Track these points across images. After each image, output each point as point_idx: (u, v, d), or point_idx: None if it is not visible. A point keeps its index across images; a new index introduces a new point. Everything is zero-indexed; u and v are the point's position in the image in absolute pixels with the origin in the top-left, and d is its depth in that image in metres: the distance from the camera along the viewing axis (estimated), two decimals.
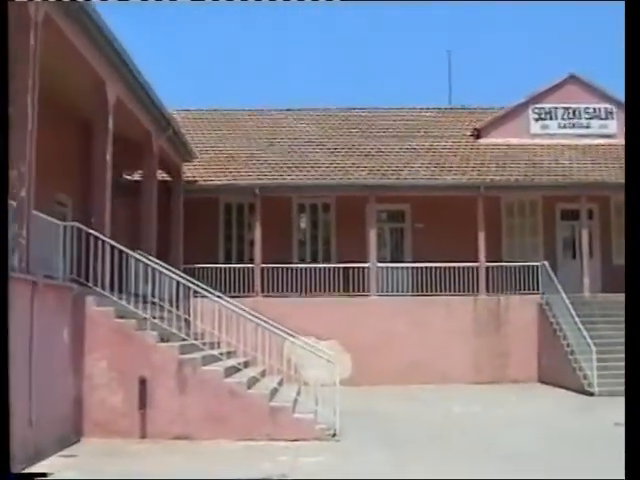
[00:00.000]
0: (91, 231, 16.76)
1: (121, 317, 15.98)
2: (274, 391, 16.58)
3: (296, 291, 28.64)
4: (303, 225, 32.78)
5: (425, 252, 29.45)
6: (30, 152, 13.93)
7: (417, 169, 30.04)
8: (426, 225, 30.76)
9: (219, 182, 29.52)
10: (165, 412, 15.49)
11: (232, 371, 16.54)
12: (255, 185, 29.04)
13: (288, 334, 20.39)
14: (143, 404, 15.48)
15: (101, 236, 16.91)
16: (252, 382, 16.40)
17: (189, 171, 29.66)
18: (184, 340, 16.66)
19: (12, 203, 13.41)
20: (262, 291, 28.69)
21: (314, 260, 31.21)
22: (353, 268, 28.87)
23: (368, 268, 28.74)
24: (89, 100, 18.81)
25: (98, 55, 17.30)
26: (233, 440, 15.12)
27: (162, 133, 23.87)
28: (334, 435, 15.41)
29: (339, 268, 29.20)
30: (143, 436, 15.44)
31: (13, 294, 12.90)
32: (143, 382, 15.49)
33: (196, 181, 29.38)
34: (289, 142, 32.95)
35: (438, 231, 29.82)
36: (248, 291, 28.51)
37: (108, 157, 18.73)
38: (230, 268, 29.10)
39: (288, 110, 36.23)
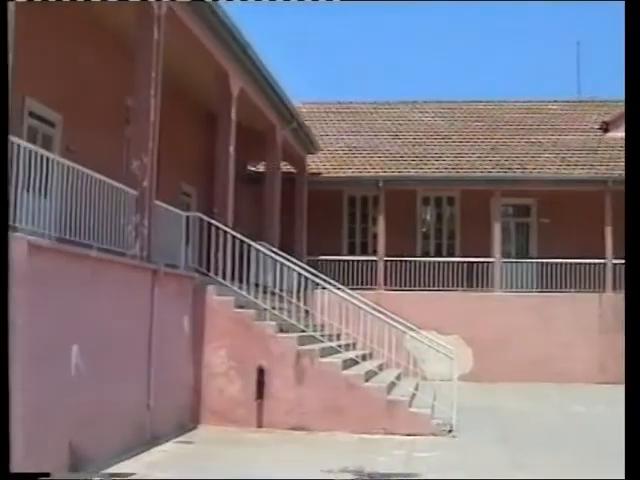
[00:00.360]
0: (213, 221, 16.95)
1: (241, 307, 16.11)
2: (392, 385, 16.47)
3: (419, 285, 28.53)
4: (427, 218, 32.54)
5: (551, 248, 28.99)
6: (152, 143, 14.13)
7: (543, 163, 29.52)
8: (552, 220, 30.16)
9: (343, 174, 29.55)
10: (282, 402, 15.55)
11: (350, 363, 16.51)
12: (379, 177, 29.02)
13: (409, 328, 20.35)
14: (260, 394, 15.57)
15: (222, 226, 17.09)
16: (370, 375, 16.32)
17: (313, 163, 29.78)
18: (303, 331, 16.68)
19: (133, 192, 13.65)
20: (385, 284, 28.65)
21: (438, 254, 30.98)
22: (477, 263, 28.55)
23: (492, 263, 28.39)
24: (213, 92, 19.01)
25: (221, 47, 17.47)
26: (349, 432, 15.09)
27: (286, 125, 23.98)
28: (450, 431, 15.22)
29: (463, 263, 28.92)
30: (259, 425, 15.53)
31: (134, 282, 13.19)
32: (261, 372, 15.58)
33: (320, 173, 29.48)
34: (414, 135, 32.73)
35: (564, 226, 29.21)
36: (371, 284, 28.51)
37: (231, 149, 18.91)
38: (353, 261, 29.14)
39: (413, 103, 35.99)
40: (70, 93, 16.15)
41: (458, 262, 29.00)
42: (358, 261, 29.19)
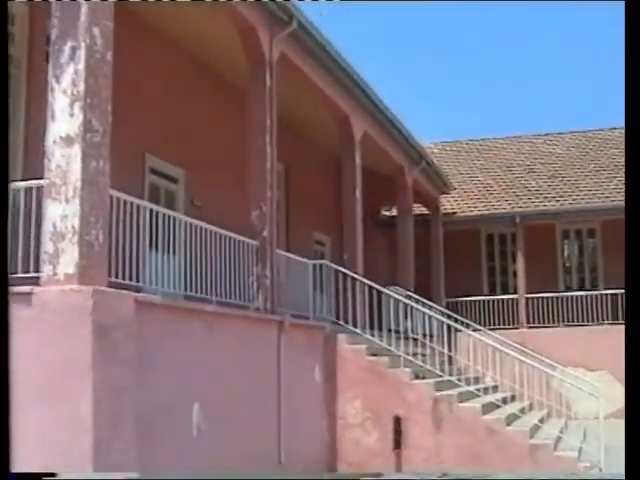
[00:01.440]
0: (340, 268, 16.60)
1: (374, 355, 15.67)
2: (535, 428, 15.70)
3: (563, 321, 27.53)
4: (567, 252, 31.53)
5: None
6: (271, 192, 13.89)
7: None
8: None
9: (478, 212, 28.87)
10: (420, 451, 15.01)
11: (491, 408, 15.81)
12: (515, 213, 28.19)
13: (553, 366, 19.58)
14: (398, 443, 15.07)
15: (351, 273, 16.70)
16: (512, 419, 15.59)
17: (447, 203, 29.25)
18: (440, 377, 16.09)
19: (254, 243, 13.43)
20: (527, 322, 27.76)
21: (581, 288, 29.90)
22: (623, 295, 27.39)
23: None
24: (335, 136, 18.79)
25: (340, 90, 17.26)
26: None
27: (415, 166, 23.58)
28: None
29: (607, 295, 27.80)
30: None
31: (258, 334, 12.91)
32: (398, 421, 15.09)
33: (454, 213, 28.89)
34: (549, 167, 31.80)
35: None
36: (513, 323, 27.70)
37: (357, 193, 18.62)
38: (494, 300, 28.37)
39: (546, 135, 35.07)
40: (190, 147, 16.16)
41: (602, 294, 27.88)
42: (499, 300, 28.38)
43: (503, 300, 28.33)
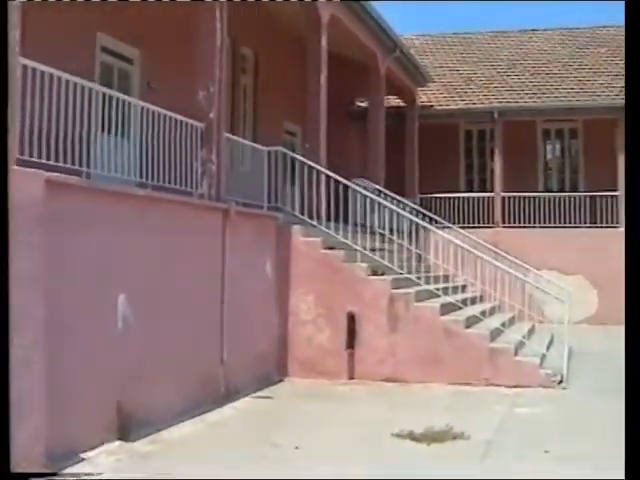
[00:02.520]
0: (297, 156, 15.61)
1: (330, 248, 14.80)
2: (498, 331, 14.91)
3: (539, 222, 26.64)
4: (549, 152, 30.55)
5: None
6: (220, 70, 12.86)
7: None
8: None
9: (455, 106, 27.76)
10: (374, 352, 14.28)
11: (452, 308, 14.96)
12: (494, 108, 27.10)
13: (525, 268, 18.86)
14: (351, 343, 14.32)
15: (311, 162, 15.70)
16: (473, 321, 14.78)
17: (425, 96, 28.12)
18: (400, 274, 15.21)
19: (200, 125, 12.48)
20: (503, 222, 26.91)
21: (561, 189, 29.00)
22: (602, 197, 26.52)
23: (617, 196, 26.28)
24: (302, 19, 17.68)
25: None
26: (446, 384, 13.74)
27: (389, 54, 22.42)
28: (561, 382, 13.66)
29: (586, 197, 26.93)
30: (350, 377, 14.31)
31: (200, 223, 12.01)
32: (352, 319, 14.31)
33: (432, 106, 27.77)
34: (533, 64, 30.54)
35: None
36: (488, 222, 26.85)
37: (322, 78, 17.57)
38: (469, 198, 27.43)
39: (533, 31, 33.76)
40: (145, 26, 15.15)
41: (581, 196, 27.01)
42: (474, 198, 27.45)
43: (479, 198, 27.44)
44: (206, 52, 12.76)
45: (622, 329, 22.13)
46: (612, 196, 26.29)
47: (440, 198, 27.06)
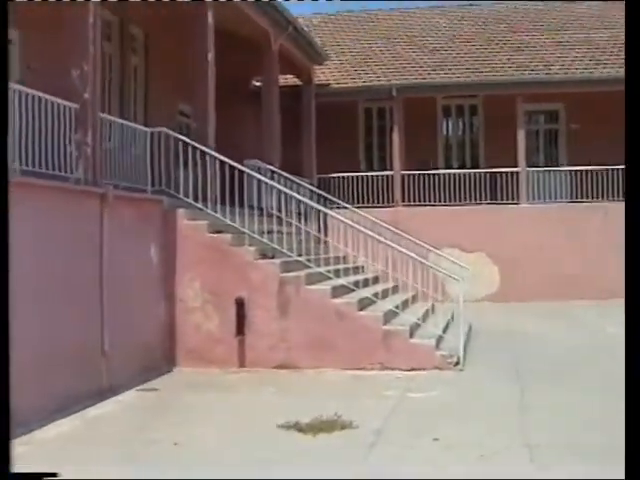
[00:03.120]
0: (181, 137, 14.96)
1: (219, 232, 14.22)
2: (392, 313, 14.47)
3: (440, 200, 26.33)
4: (449, 129, 30.31)
5: (581, 155, 26.47)
6: (94, 48, 12.17)
7: (570, 63, 27.03)
8: (582, 126, 27.69)
9: (353, 84, 27.26)
10: (265, 338, 13.77)
11: (345, 291, 14.52)
12: (392, 86, 26.66)
13: (424, 247, 18.55)
14: (241, 329, 13.79)
15: (198, 145, 15.05)
16: (366, 303, 14.35)
17: (323, 75, 27.58)
18: (290, 257, 14.71)
19: (74, 106, 11.80)
20: (402, 200, 26.55)
21: (462, 167, 28.75)
22: (501, 173, 26.30)
23: (518, 173, 26.12)
24: None
25: None
26: (340, 369, 13.31)
27: (282, 31, 21.80)
28: (457, 363, 13.32)
29: (486, 173, 26.70)
30: (241, 365, 13.80)
31: (79, 209, 11.39)
32: (240, 304, 13.77)
33: (329, 84, 27.23)
34: (432, 41, 30.22)
35: (596, 132, 26.43)
36: (388, 201, 26.48)
37: (210, 56, 16.92)
38: (368, 177, 26.98)
39: (431, 8, 33.46)
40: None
41: (480, 173, 26.76)
42: (373, 177, 27.03)
43: (378, 177, 27.02)
44: (78, 29, 12.06)
45: (525, 307, 22.24)
46: (512, 173, 26.10)
47: (339, 178, 26.63)
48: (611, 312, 21.45)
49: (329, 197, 22.12)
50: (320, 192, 21.80)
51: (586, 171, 25.85)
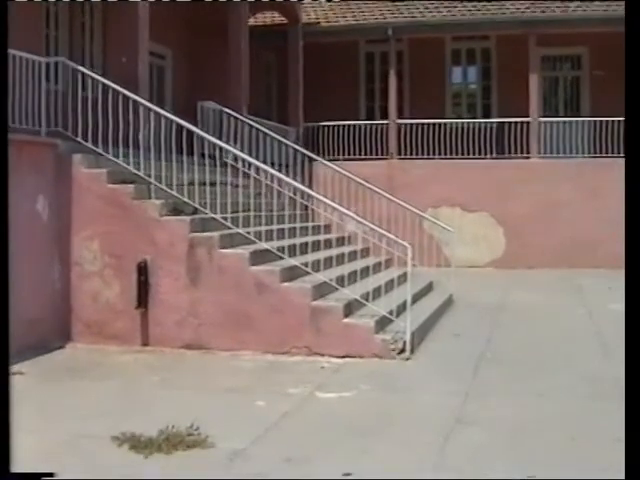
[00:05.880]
0: (81, 68, 12.38)
1: (125, 182, 11.72)
2: (331, 286, 11.71)
3: (440, 153, 23.47)
4: (457, 75, 27.40)
5: (605, 105, 23.33)
6: None
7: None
8: (607, 72, 24.60)
9: (345, 23, 24.39)
10: (172, 311, 11.32)
11: (272, 257, 11.76)
12: (388, 24, 23.66)
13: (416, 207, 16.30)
14: (144, 300, 11.34)
15: (96, 76, 12.45)
16: (299, 272, 11.62)
17: (314, 13, 24.83)
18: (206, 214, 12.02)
19: None
20: (399, 153, 23.74)
21: (473, 117, 25.92)
22: (510, 123, 23.40)
23: (529, 123, 23.20)
24: None
25: None
26: (261, 352, 10.88)
27: None
28: (402, 351, 10.72)
29: (493, 124, 23.87)
30: (145, 343, 11.40)
31: None
32: (143, 270, 11.31)
33: (318, 22, 24.43)
34: None
35: (622, 79, 23.35)
36: (382, 153, 23.75)
37: None
38: (361, 126, 24.17)
39: None
40: None
41: (486, 123, 23.95)
42: (366, 126, 24.22)
43: (372, 126, 24.20)
44: None
45: (531, 274, 19.55)
46: (522, 123, 23.22)
47: (327, 127, 23.89)
48: (622, 285, 18.78)
49: (304, 151, 19.60)
50: (294, 145, 19.26)
51: (608, 122, 22.84)
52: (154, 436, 7.11)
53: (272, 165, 17.26)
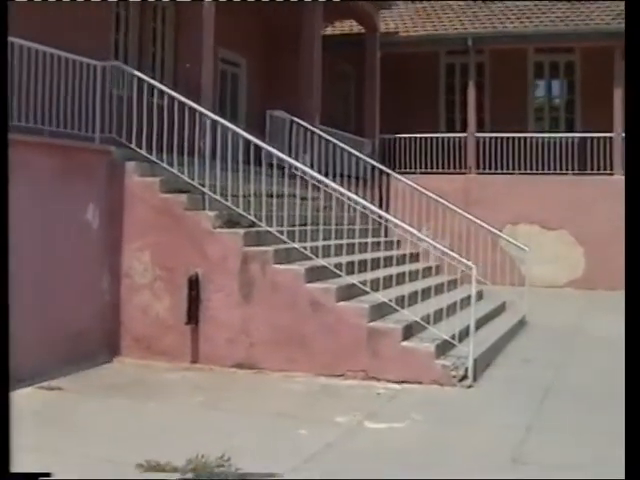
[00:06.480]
0: (137, 73, 11.95)
1: (180, 191, 11.27)
2: (377, 307, 11.05)
3: (519, 168, 22.67)
4: (541, 88, 26.54)
5: None
6: None
7: None
8: None
9: (424, 32, 23.70)
10: (223, 328, 10.82)
11: (330, 274, 11.11)
12: (467, 35, 23.00)
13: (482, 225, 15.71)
14: (194, 316, 10.86)
15: (152, 81, 11.98)
16: (358, 291, 11.04)
17: (393, 23, 24.24)
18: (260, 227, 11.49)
19: None
20: (477, 167, 23.05)
21: (556, 131, 25.02)
22: (592, 139, 22.52)
23: (612, 138, 22.27)
24: None
25: None
26: (313, 374, 10.32)
27: None
28: (464, 378, 10.06)
29: (574, 139, 23.00)
30: (194, 360, 10.91)
31: None
32: (195, 284, 10.84)
33: (397, 32, 23.81)
34: None
35: None
36: (460, 167, 23.07)
37: None
38: (438, 139, 23.50)
39: None
40: None
41: (567, 138, 23.07)
42: (445, 139, 23.53)
43: (449, 139, 23.53)
44: None
45: (612, 296, 18.65)
46: (605, 138, 22.32)
47: (404, 138, 23.29)
48: None
49: (377, 164, 19.10)
50: (367, 159, 18.71)
51: None
52: (180, 466, 6.61)
53: (348, 178, 16.85)
